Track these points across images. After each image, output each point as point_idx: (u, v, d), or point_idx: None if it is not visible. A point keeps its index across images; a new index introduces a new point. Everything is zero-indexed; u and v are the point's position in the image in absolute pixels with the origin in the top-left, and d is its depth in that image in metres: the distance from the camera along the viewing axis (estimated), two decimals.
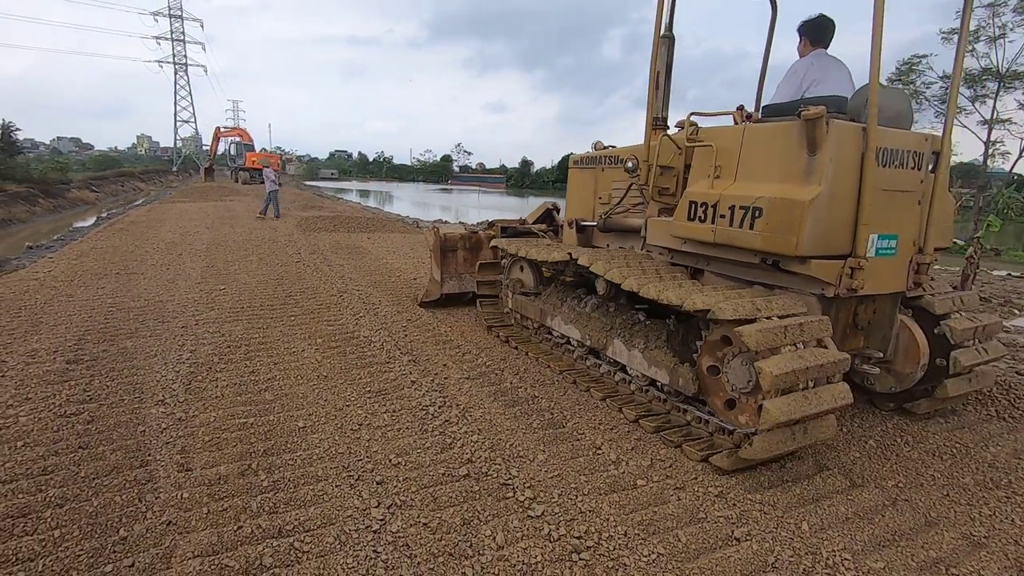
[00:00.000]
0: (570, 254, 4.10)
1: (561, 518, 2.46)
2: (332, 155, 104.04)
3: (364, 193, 44.50)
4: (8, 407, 3.27)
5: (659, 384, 3.54)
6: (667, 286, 3.27)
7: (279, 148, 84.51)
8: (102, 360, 4.08)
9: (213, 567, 2.08)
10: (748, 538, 2.39)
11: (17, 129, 26.43)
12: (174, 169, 59.25)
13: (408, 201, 38.08)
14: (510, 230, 5.71)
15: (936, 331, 3.56)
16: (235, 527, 2.31)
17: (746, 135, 3.34)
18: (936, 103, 25.67)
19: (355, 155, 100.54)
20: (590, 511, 2.52)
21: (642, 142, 4.00)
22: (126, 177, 37.16)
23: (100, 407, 3.33)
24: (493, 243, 5.36)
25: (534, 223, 5.75)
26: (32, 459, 2.74)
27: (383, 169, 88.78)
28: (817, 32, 3.64)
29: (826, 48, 3.66)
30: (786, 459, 3.05)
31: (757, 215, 3.08)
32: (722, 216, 3.26)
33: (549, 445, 3.10)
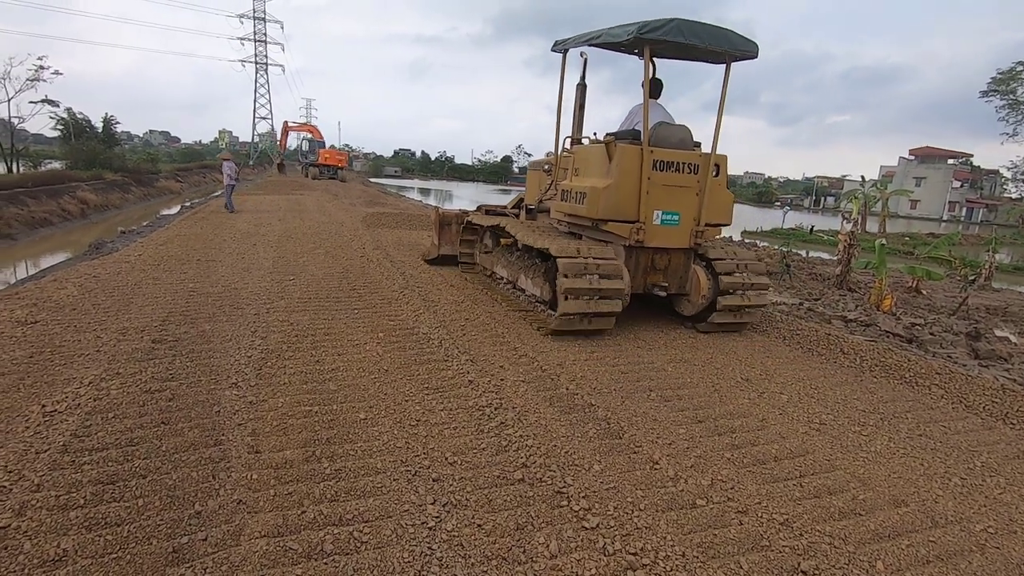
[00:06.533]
0: (497, 223, 6.48)
1: (616, 532, 2.41)
2: (396, 153, 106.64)
3: (425, 191, 45.48)
4: (102, 380, 3.54)
5: (536, 297, 5.79)
6: (535, 238, 5.51)
7: (347, 145, 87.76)
8: (183, 341, 4.36)
9: (278, 548, 2.16)
10: (816, 572, 2.26)
11: (117, 122, 28.76)
12: (250, 163, 62.51)
13: (467, 200, 38.56)
14: (491, 211, 7.66)
15: (710, 267, 5.54)
16: (299, 511, 2.40)
17: (589, 151, 5.62)
18: None
19: (418, 154, 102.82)
20: (646, 527, 2.46)
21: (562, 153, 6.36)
22: (207, 169, 39.64)
23: (181, 386, 3.55)
24: (468, 217, 7.64)
25: (511, 208, 7.91)
26: (121, 430, 2.95)
27: (444, 168, 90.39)
28: (651, 88, 5.46)
29: (657, 98, 5.76)
30: (857, 488, 2.87)
31: (584, 196, 5.25)
32: (573, 198, 5.47)
33: (605, 456, 3.05)
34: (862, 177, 31.26)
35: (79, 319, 4.74)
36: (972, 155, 67.49)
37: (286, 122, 40.28)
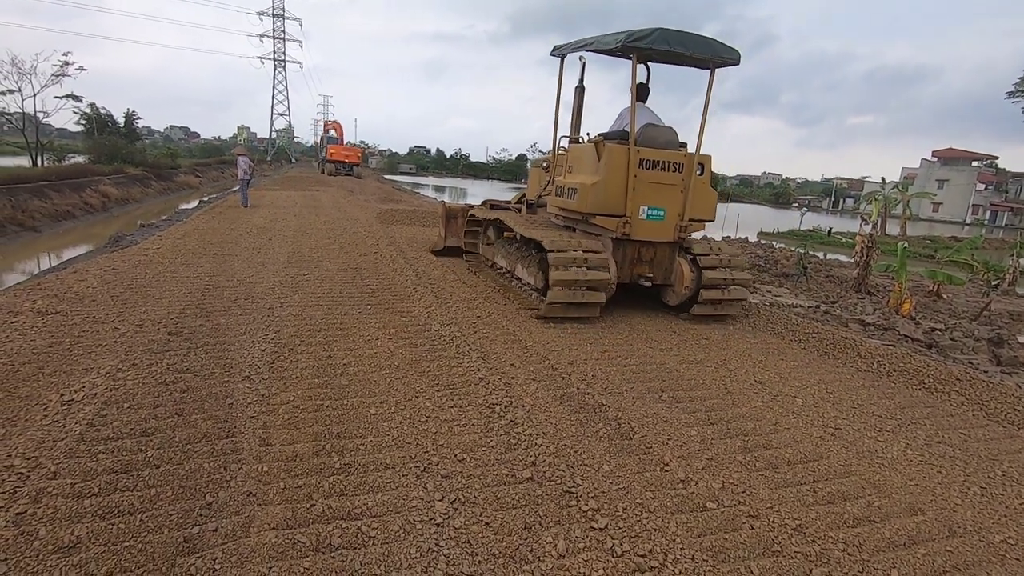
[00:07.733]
0: (498, 217, 7.09)
1: (625, 533, 2.39)
2: (411, 151, 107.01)
3: (440, 188, 45.59)
4: (118, 371, 3.59)
5: (531, 284, 6.20)
6: (530, 230, 5.99)
7: (363, 142, 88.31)
8: (198, 334, 4.41)
9: (287, 541, 2.18)
10: None
11: (138, 118, 29.21)
12: (268, 159, 63.09)
13: (481, 198, 38.63)
14: (494, 206, 8.08)
15: (695, 260, 5.89)
16: (308, 505, 2.41)
17: (581, 149, 6.02)
18: None
19: (433, 151, 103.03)
20: (656, 529, 2.43)
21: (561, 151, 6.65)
22: (225, 164, 40.05)
23: (195, 378, 3.59)
24: (472, 211, 8.16)
25: (515, 203, 8.18)
26: (135, 420, 2.99)
27: (459, 166, 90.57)
28: (639, 93, 5.93)
29: (644, 102, 6.16)
30: (872, 495, 2.82)
31: (575, 191, 5.67)
32: (566, 193, 5.91)
33: (615, 456, 3.03)
34: (882, 179, 30.68)
35: (98, 310, 4.82)
36: (997, 157, 66.07)
37: (326, 121, 41.38)
